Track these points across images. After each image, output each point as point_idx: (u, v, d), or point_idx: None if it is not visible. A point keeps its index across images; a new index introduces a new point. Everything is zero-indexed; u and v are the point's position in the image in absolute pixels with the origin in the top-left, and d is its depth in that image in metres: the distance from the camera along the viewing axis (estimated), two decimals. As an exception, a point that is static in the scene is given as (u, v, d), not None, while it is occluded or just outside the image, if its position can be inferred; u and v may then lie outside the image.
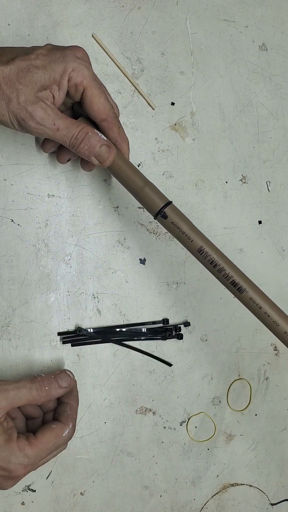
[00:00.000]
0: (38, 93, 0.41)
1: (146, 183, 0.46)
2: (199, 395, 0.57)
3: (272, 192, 0.59)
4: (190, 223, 0.46)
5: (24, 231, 0.52)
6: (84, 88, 0.42)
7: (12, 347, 0.52)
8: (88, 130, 0.44)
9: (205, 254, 0.45)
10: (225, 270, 0.44)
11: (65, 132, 0.43)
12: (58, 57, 0.41)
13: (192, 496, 0.58)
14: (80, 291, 0.53)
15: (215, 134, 0.57)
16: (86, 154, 0.44)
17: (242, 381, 0.58)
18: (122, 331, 0.54)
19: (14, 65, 0.40)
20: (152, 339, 0.55)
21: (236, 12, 0.58)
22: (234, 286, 0.44)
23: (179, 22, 0.56)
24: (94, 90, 0.43)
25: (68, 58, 0.41)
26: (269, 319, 0.44)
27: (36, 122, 0.41)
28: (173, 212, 0.46)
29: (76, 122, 0.43)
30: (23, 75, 0.40)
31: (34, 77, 0.41)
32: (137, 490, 0.56)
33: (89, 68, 0.43)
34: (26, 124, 0.42)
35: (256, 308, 0.44)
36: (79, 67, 0.42)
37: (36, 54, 0.41)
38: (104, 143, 0.44)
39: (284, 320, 0.44)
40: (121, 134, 0.46)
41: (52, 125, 0.42)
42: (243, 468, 0.59)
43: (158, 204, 0.46)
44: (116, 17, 0.54)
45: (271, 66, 0.59)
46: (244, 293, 0.44)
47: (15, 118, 0.41)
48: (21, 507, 0.52)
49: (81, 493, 0.54)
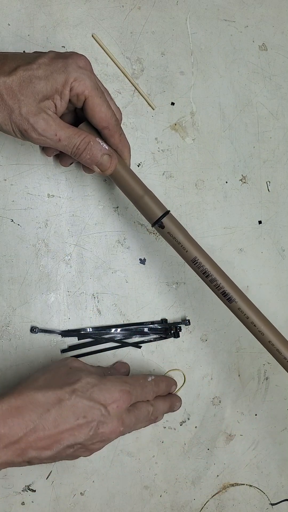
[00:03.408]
0: (40, 103, 0.41)
1: (145, 191, 0.47)
2: (199, 395, 0.57)
3: (272, 192, 0.59)
4: (186, 233, 0.48)
5: (24, 231, 0.52)
6: (85, 97, 0.43)
7: (12, 347, 0.52)
8: (90, 139, 0.44)
9: (198, 264, 0.47)
10: (216, 281, 0.47)
11: (67, 142, 0.43)
12: (60, 66, 0.41)
13: (192, 496, 0.58)
14: (80, 291, 0.53)
15: (215, 134, 0.57)
16: (88, 162, 0.45)
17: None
18: (117, 331, 0.54)
19: (17, 76, 0.41)
20: (151, 341, 0.55)
21: (236, 12, 0.58)
22: (224, 296, 0.47)
23: (179, 22, 0.56)
24: (96, 99, 0.43)
25: (70, 68, 0.41)
26: (255, 329, 0.47)
27: (38, 133, 0.42)
28: (170, 222, 0.47)
29: (77, 132, 0.43)
30: (25, 86, 0.41)
31: (36, 88, 0.41)
32: (137, 490, 0.56)
33: (91, 78, 0.43)
34: (28, 135, 0.42)
35: (244, 317, 0.47)
36: (81, 77, 0.42)
37: (38, 64, 0.41)
38: (106, 152, 0.45)
39: (268, 330, 0.47)
40: (122, 141, 0.47)
41: (54, 136, 0.42)
42: (243, 468, 0.59)
43: (156, 214, 0.47)
44: (116, 17, 0.54)
45: (271, 66, 0.59)
46: (233, 303, 0.47)
47: (17, 128, 0.42)
48: (21, 507, 0.52)
49: (81, 493, 0.54)
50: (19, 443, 0.39)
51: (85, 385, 0.43)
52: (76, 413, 0.41)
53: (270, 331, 0.47)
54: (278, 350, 0.47)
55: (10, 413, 0.39)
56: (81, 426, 0.42)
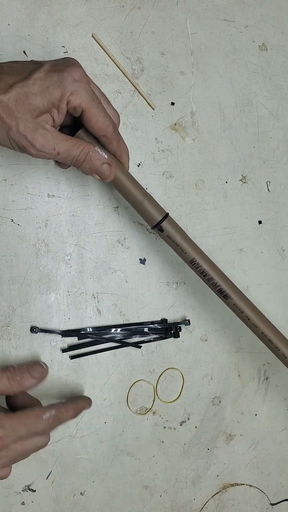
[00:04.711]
0: (37, 118, 0.41)
1: (144, 196, 0.48)
2: (199, 395, 0.57)
3: (272, 192, 0.59)
4: (184, 235, 0.49)
5: (24, 231, 0.52)
6: (82, 109, 0.43)
7: (12, 347, 0.52)
8: (89, 150, 0.44)
9: (196, 264, 0.49)
10: (213, 280, 0.50)
11: (66, 155, 0.44)
12: (56, 81, 0.41)
13: (192, 496, 0.58)
14: (80, 291, 0.53)
15: (215, 134, 0.57)
16: (88, 172, 0.46)
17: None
18: (117, 331, 0.54)
19: (13, 93, 0.41)
20: (151, 341, 0.55)
21: (236, 12, 0.58)
22: (221, 293, 0.50)
23: (179, 22, 0.56)
24: (93, 110, 0.43)
25: (66, 82, 0.42)
26: (249, 322, 0.51)
27: (37, 149, 0.42)
28: (169, 225, 0.49)
29: (76, 143, 0.44)
30: (21, 103, 0.41)
31: (32, 105, 0.41)
32: (137, 490, 0.56)
33: (87, 90, 0.43)
34: (27, 151, 0.43)
35: (239, 312, 0.51)
36: (77, 90, 0.42)
37: (33, 80, 0.41)
38: (105, 161, 0.45)
39: (262, 323, 0.51)
40: (120, 146, 0.47)
41: (52, 150, 0.43)
42: (243, 468, 0.59)
43: (155, 218, 0.48)
44: (116, 17, 0.54)
45: (271, 66, 0.59)
46: (229, 300, 0.50)
47: (16, 145, 0.42)
48: (21, 507, 0.52)
49: (81, 493, 0.54)
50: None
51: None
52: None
53: (263, 323, 0.51)
54: (270, 340, 0.51)
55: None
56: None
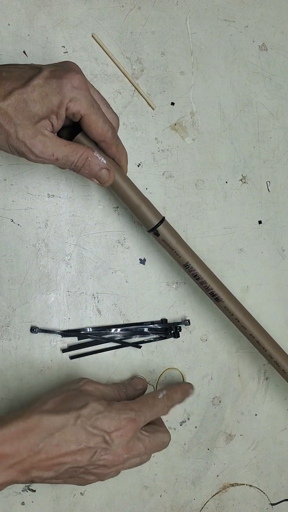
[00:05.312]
0: (36, 124, 0.42)
1: (142, 200, 0.48)
2: (199, 395, 0.57)
3: (272, 192, 0.59)
4: (179, 239, 0.51)
5: (24, 231, 0.52)
6: (81, 116, 0.43)
7: (12, 347, 0.52)
8: (88, 155, 0.44)
9: (190, 268, 0.51)
10: (206, 283, 0.51)
11: (65, 160, 0.44)
12: (54, 88, 0.41)
13: (192, 496, 0.58)
14: (80, 291, 0.53)
15: (215, 134, 0.57)
16: (87, 176, 0.46)
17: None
18: (117, 331, 0.54)
19: (12, 100, 0.41)
20: (151, 341, 0.55)
21: (236, 12, 0.58)
22: (212, 296, 0.52)
23: (179, 22, 0.56)
24: (92, 116, 0.43)
25: (64, 89, 0.42)
26: (239, 324, 0.52)
27: (36, 155, 0.42)
28: (165, 229, 0.50)
29: (75, 148, 0.44)
30: (20, 110, 0.41)
31: (31, 112, 0.41)
32: (137, 490, 0.56)
33: (86, 97, 0.43)
34: (26, 157, 0.43)
35: (229, 314, 0.52)
36: (76, 97, 0.42)
37: (32, 86, 0.41)
38: (104, 166, 0.45)
39: (251, 325, 0.52)
40: (119, 151, 0.47)
41: (51, 156, 0.43)
42: (243, 468, 0.59)
43: (151, 223, 0.49)
44: (116, 17, 0.54)
45: (271, 66, 0.59)
46: (220, 302, 0.52)
47: (15, 150, 0.43)
48: (21, 507, 0.53)
49: (81, 493, 0.54)
50: (23, 464, 0.42)
51: (90, 411, 0.44)
52: (79, 439, 0.43)
53: (252, 325, 0.52)
54: (258, 341, 0.52)
55: (17, 435, 0.42)
56: (83, 451, 0.43)
